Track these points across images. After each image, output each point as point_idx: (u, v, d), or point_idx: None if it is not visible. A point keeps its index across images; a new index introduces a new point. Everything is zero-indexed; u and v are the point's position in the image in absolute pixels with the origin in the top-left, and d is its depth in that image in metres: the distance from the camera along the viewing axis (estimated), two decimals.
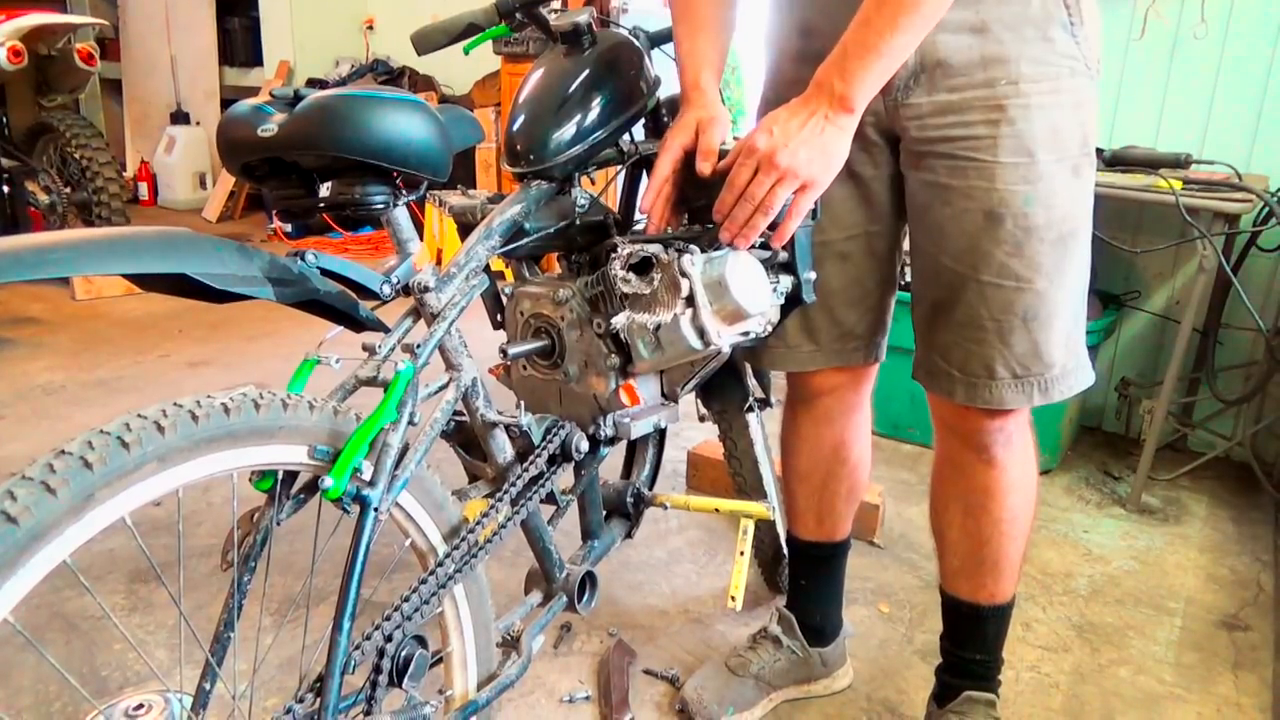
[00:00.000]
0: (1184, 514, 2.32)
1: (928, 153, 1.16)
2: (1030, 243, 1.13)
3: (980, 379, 1.18)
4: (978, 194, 1.12)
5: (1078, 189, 1.15)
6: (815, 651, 1.55)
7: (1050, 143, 1.11)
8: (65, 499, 0.70)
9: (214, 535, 2.04)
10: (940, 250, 1.18)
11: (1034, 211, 1.12)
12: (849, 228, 1.28)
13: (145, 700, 1.20)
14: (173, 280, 0.84)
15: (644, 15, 3.90)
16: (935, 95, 1.12)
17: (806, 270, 1.22)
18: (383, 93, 1.02)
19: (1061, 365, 1.18)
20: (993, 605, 1.35)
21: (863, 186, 1.26)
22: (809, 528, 1.52)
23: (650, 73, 1.42)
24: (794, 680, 1.56)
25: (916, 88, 1.13)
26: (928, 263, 1.21)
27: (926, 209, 1.19)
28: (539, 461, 1.23)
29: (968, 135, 1.12)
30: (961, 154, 1.13)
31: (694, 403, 1.69)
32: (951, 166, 1.14)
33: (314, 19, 5.89)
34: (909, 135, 1.17)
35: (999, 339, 1.16)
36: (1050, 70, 1.10)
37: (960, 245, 1.16)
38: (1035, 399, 1.18)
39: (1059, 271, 1.14)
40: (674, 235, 1.26)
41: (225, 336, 3.51)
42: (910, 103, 1.14)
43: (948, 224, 1.16)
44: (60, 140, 4.09)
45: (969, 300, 1.16)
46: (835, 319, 1.33)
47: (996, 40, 1.09)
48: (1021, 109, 1.10)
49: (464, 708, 1.15)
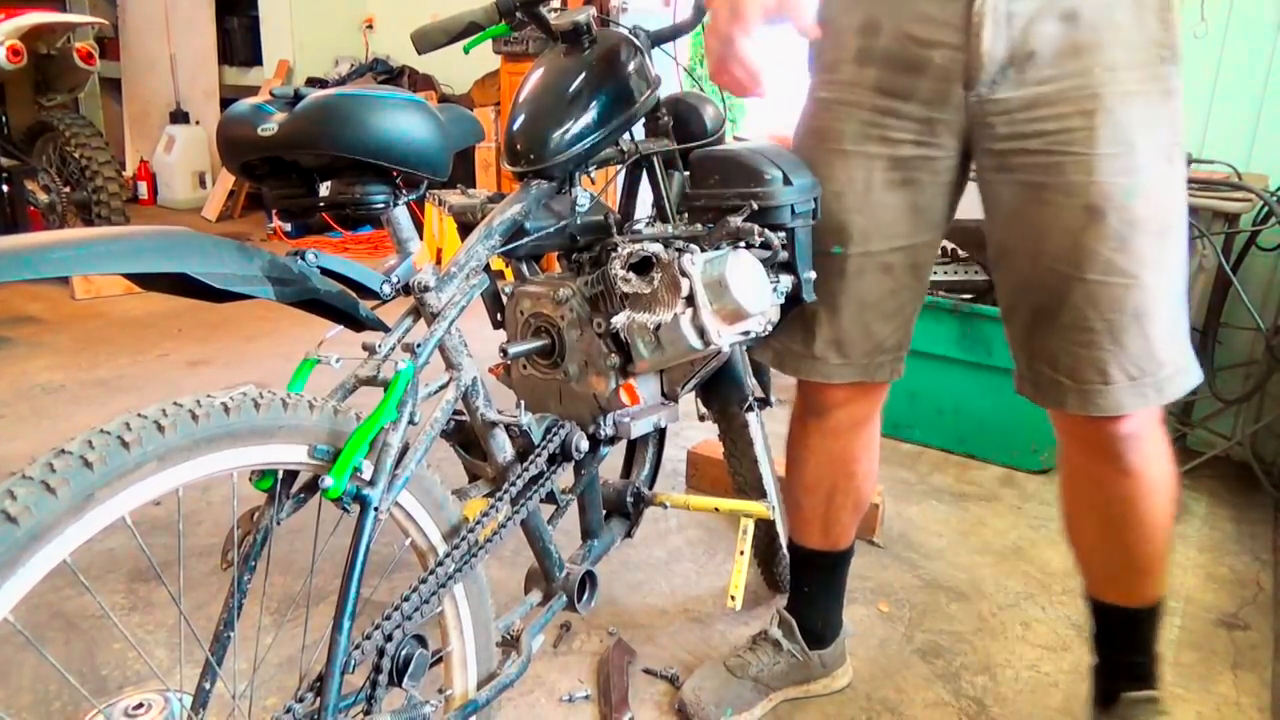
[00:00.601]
0: (1183, 513, 2.31)
1: (1017, 150, 1.10)
2: (1135, 236, 1.06)
3: (1094, 384, 1.11)
4: (1077, 189, 1.07)
5: (1174, 178, 1.09)
6: (815, 654, 1.55)
7: (1147, 131, 1.06)
8: (65, 498, 0.70)
9: (214, 535, 2.04)
10: (1038, 252, 1.12)
11: (1136, 204, 1.06)
12: (895, 238, 1.22)
13: (145, 699, 1.21)
14: (173, 279, 0.84)
15: (644, 15, 3.89)
16: (1024, 89, 1.07)
17: (806, 269, 1.22)
18: (383, 92, 1.02)
19: (1173, 363, 1.12)
20: (1146, 606, 1.29)
21: (916, 194, 1.20)
22: (813, 538, 1.50)
23: (650, 72, 1.42)
24: (793, 681, 1.55)
25: (1004, 81, 1.08)
26: (1023, 267, 1.15)
27: (1018, 210, 1.13)
28: (539, 461, 1.23)
29: (1062, 128, 1.06)
30: (1057, 148, 1.07)
31: (694, 402, 1.69)
32: (1046, 163, 1.08)
33: (314, 18, 5.90)
34: (995, 133, 1.11)
35: (1111, 340, 1.09)
36: (1144, 56, 1.05)
37: (1061, 244, 1.09)
38: (1151, 400, 1.11)
39: (1162, 265, 1.08)
40: (674, 235, 1.27)
41: (225, 336, 3.51)
42: (997, 98, 1.09)
43: (1046, 223, 1.10)
44: (60, 139, 4.09)
45: (1075, 302, 1.10)
46: (870, 332, 1.28)
47: (1090, 27, 1.04)
48: (1119, 97, 1.04)
49: (464, 707, 1.15)
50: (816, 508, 1.47)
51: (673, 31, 1.52)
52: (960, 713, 1.55)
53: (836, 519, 1.48)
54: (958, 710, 1.55)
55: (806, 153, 1.25)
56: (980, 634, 1.77)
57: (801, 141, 1.28)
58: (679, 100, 1.61)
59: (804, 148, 1.27)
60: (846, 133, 1.20)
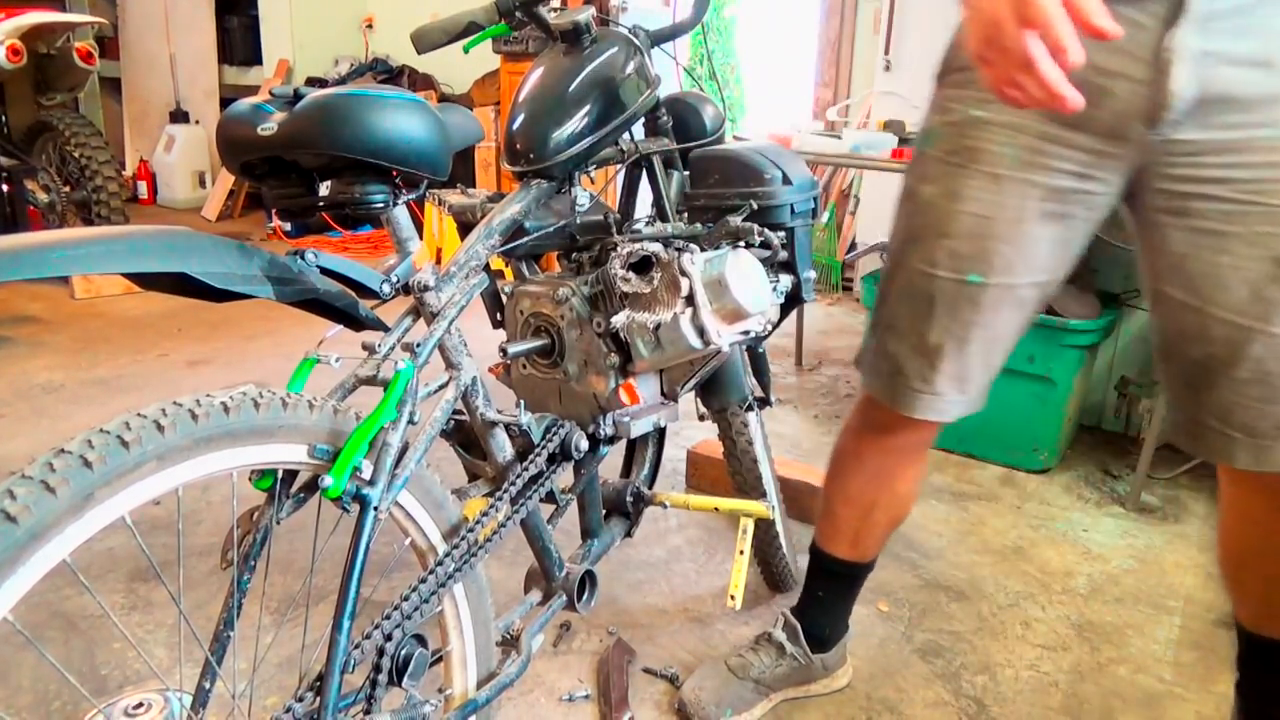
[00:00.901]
0: (1183, 513, 2.32)
1: (1196, 194, 1.05)
2: None
3: (1272, 440, 1.07)
4: (1262, 240, 1.02)
5: None
6: (818, 657, 1.55)
7: None
8: (65, 498, 0.70)
9: (214, 534, 2.04)
10: (1209, 301, 1.07)
11: None
12: (1039, 271, 1.16)
13: (145, 699, 1.21)
14: (172, 279, 0.84)
15: (644, 14, 3.90)
16: (1210, 132, 1.02)
17: (806, 269, 1.22)
18: (382, 92, 1.01)
19: None
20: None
21: (1068, 229, 1.14)
22: (841, 547, 1.47)
23: (650, 71, 1.42)
24: (794, 683, 1.55)
25: (1189, 122, 1.02)
26: (1189, 316, 1.09)
27: (1189, 256, 1.07)
28: (539, 460, 1.23)
29: (1253, 178, 1.01)
30: (1244, 198, 1.02)
31: (694, 402, 1.69)
32: (1230, 211, 1.03)
33: (313, 18, 5.89)
34: (1172, 174, 1.06)
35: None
36: None
37: (1241, 296, 1.04)
38: None
39: None
40: (674, 234, 1.27)
41: (224, 335, 3.51)
42: (1181, 138, 1.03)
43: (1223, 273, 1.05)
44: (59, 139, 4.09)
45: (1256, 355, 1.05)
46: (990, 366, 1.22)
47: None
48: None
49: (463, 706, 1.15)
50: (852, 520, 1.44)
51: (672, 31, 1.53)
52: (960, 712, 1.55)
53: (871, 532, 1.45)
54: (957, 710, 1.55)
55: (946, 171, 1.16)
56: (980, 634, 1.77)
57: (941, 159, 1.18)
58: (679, 100, 1.61)
59: (944, 166, 1.17)
60: (1005, 156, 1.12)
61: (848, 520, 1.44)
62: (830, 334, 3.84)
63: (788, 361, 3.39)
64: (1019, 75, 0.85)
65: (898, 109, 3.46)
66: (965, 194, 1.15)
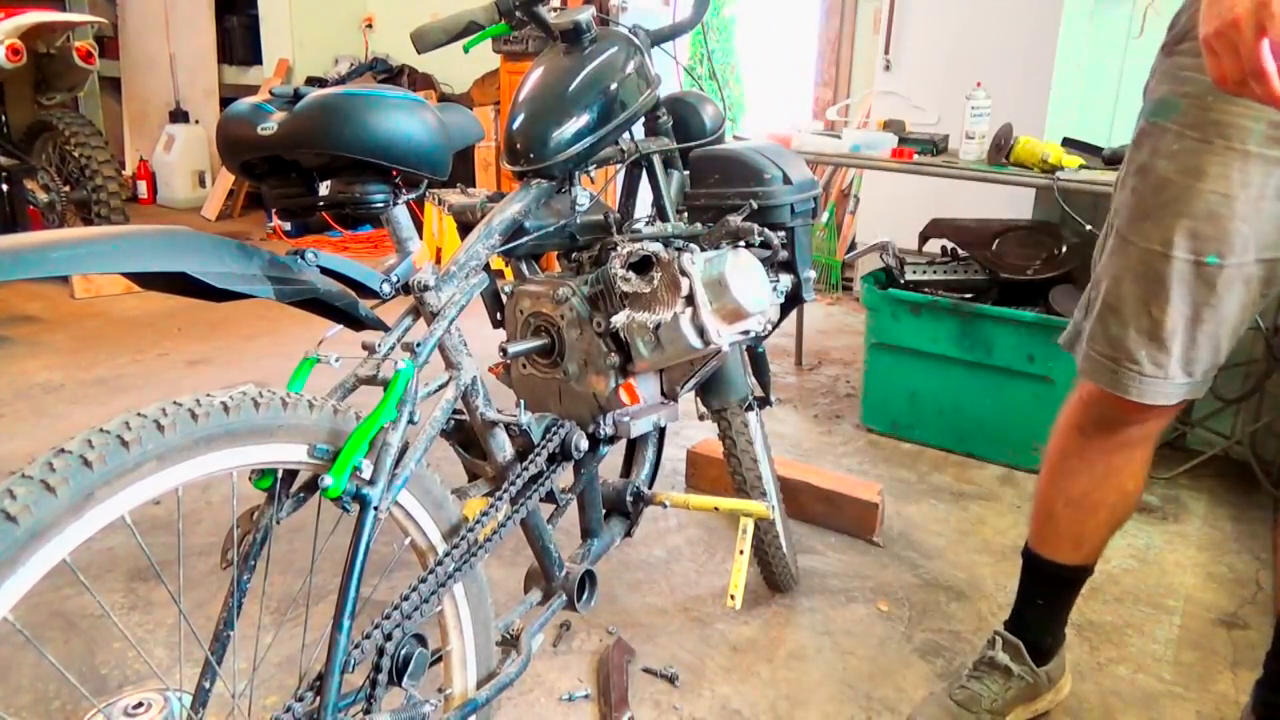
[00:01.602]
0: (1183, 512, 2.32)
1: None
2: None
3: None
4: None
5: None
6: (1043, 670, 1.48)
7: None
8: (65, 497, 0.70)
9: (214, 534, 2.04)
10: None
11: None
12: (1269, 249, 1.12)
13: (145, 698, 1.21)
14: (172, 279, 0.84)
15: (644, 14, 3.90)
16: None
17: (806, 269, 1.22)
18: (382, 91, 1.01)
19: None
20: None
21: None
22: (1063, 551, 1.41)
23: (650, 71, 1.42)
24: (1022, 702, 1.48)
25: None
26: None
27: None
28: (538, 460, 1.23)
29: None
30: None
31: (694, 402, 1.69)
32: None
33: (313, 17, 5.89)
34: None
35: None
36: None
37: None
38: None
39: None
40: (674, 234, 1.27)
41: (224, 335, 3.51)
42: None
43: None
44: (59, 139, 4.09)
45: None
46: (1219, 349, 1.18)
47: None
48: None
49: (463, 706, 1.15)
50: (1078, 522, 1.38)
51: (672, 31, 1.53)
52: None
53: (1096, 533, 1.39)
54: None
55: (1187, 146, 1.11)
56: (980, 633, 1.77)
57: (1179, 134, 1.12)
58: (679, 100, 1.62)
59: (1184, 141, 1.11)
60: (1255, 132, 1.07)
61: (1071, 522, 1.38)
62: (830, 334, 3.84)
63: (788, 361, 3.39)
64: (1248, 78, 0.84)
65: (897, 109, 3.46)
66: (1209, 171, 1.10)
